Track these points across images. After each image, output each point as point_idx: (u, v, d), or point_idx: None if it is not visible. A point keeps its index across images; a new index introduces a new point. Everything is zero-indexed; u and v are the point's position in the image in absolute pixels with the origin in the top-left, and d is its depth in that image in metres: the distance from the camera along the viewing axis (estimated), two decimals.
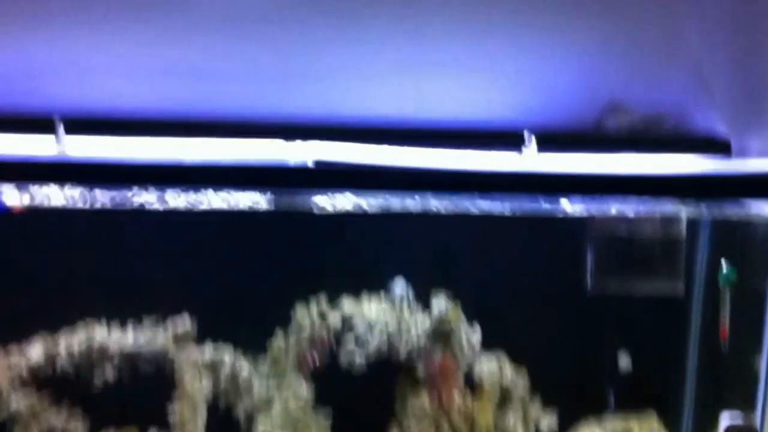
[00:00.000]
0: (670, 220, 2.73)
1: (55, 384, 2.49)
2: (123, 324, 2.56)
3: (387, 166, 2.22)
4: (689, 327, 2.86)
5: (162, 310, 2.55)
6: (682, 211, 2.68)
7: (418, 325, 2.63)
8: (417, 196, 2.42)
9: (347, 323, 2.61)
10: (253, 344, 2.58)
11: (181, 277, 2.60)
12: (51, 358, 2.48)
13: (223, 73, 2.30)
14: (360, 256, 2.69)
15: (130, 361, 2.50)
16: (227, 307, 2.59)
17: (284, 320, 2.60)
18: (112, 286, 2.57)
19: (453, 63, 2.31)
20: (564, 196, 2.40)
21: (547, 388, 2.74)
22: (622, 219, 2.70)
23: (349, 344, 2.58)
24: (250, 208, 2.49)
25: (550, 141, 2.34)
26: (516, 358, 2.72)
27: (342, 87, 2.39)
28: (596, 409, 2.77)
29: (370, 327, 2.60)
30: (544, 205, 2.54)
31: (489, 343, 2.71)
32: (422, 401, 2.60)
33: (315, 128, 2.30)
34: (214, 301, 2.60)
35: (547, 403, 2.75)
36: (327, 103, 2.40)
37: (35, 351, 2.49)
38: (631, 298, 2.69)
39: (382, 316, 2.62)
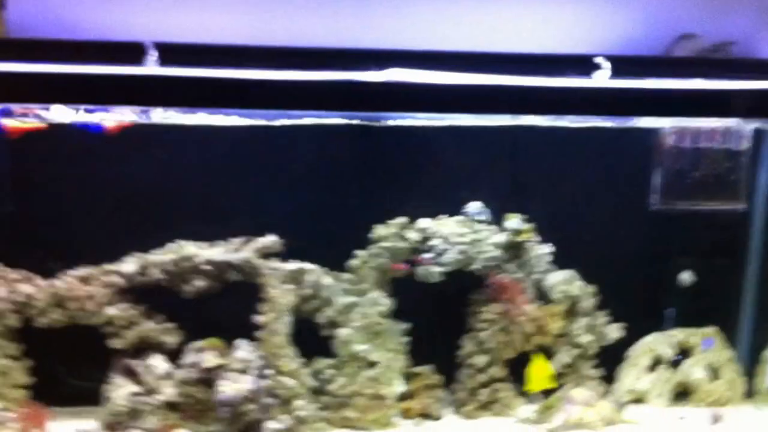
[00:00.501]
0: (734, 136, 2.75)
1: (147, 295, 2.60)
2: (212, 243, 2.67)
3: (464, 85, 2.26)
4: (752, 241, 2.93)
5: (249, 228, 2.64)
6: (747, 127, 2.71)
7: (492, 241, 2.74)
8: (492, 116, 2.51)
9: (425, 239, 2.72)
10: (335, 261, 2.68)
11: (267, 197, 2.68)
12: (144, 271, 2.59)
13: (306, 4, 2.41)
14: (437, 176, 2.74)
15: (219, 272, 2.60)
16: (310, 226, 2.67)
17: (365, 238, 2.69)
18: (201, 205, 2.65)
19: None
20: (632, 114, 2.50)
21: (613, 301, 2.83)
22: (687, 135, 2.73)
23: (427, 257, 2.70)
24: (334, 128, 2.60)
25: (621, 67, 2.37)
26: (584, 273, 2.80)
27: (420, 18, 2.49)
28: (660, 322, 2.89)
29: (447, 242, 2.70)
30: (613, 125, 2.62)
31: (559, 259, 2.80)
32: (494, 312, 2.73)
33: (393, 55, 2.33)
34: (298, 221, 2.67)
35: (613, 315, 2.86)
36: (404, 33, 2.49)
37: (129, 265, 2.60)
38: (696, 213, 2.76)
39: (458, 233, 2.72)
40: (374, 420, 2.61)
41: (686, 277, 2.89)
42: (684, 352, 2.91)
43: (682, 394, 2.91)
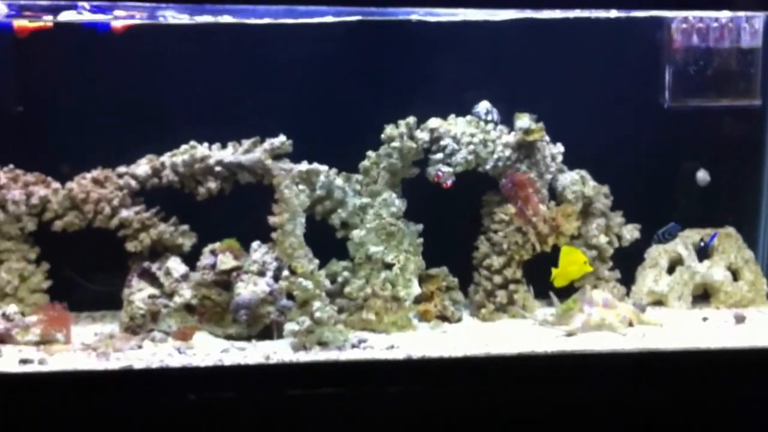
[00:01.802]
0: (747, 31, 2.71)
1: (161, 197, 2.60)
2: (223, 144, 2.66)
3: None
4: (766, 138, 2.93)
5: (259, 130, 2.63)
6: (760, 20, 2.68)
7: (502, 141, 2.70)
8: (501, 11, 2.49)
9: (435, 139, 2.69)
10: (346, 161, 2.66)
11: (277, 98, 2.66)
12: (157, 173, 2.60)
13: None
14: (446, 76, 2.71)
15: (231, 173, 2.60)
16: (321, 128, 2.66)
17: (375, 139, 2.67)
18: (212, 106, 2.64)
19: None
20: (643, 7, 2.46)
21: (627, 201, 2.81)
22: (700, 30, 2.69)
23: (437, 157, 2.67)
24: (342, 26, 2.55)
25: None
26: (597, 173, 2.78)
27: None
28: (674, 222, 2.82)
29: (457, 142, 2.68)
30: (623, 18, 2.57)
31: (571, 159, 2.77)
32: (508, 212, 2.69)
33: None
34: (308, 122, 2.66)
35: (628, 215, 2.84)
36: None
37: (142, 168, 2.61)
38: (708, 110, 2.74)
39: (468, 133, 2.69)
40: (392, 322, 2.57)
41: (702, 175, 2.85)
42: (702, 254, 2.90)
43: (703, 296, 2.87)
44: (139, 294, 2.51)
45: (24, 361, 2.28)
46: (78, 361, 2.31)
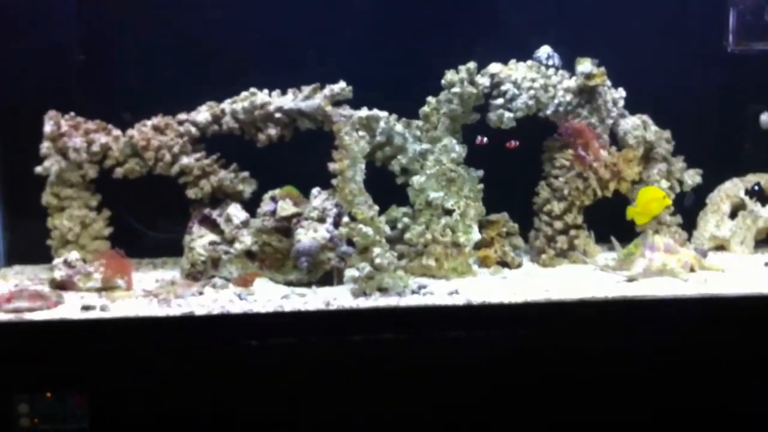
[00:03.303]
0: None
1: (221, 144, 2.41)
2: (283, 91, 2.44)
3: None
4: None
5: (319, 76, 2.41)
6: None
7: (563, 85, 2.44)
8: None
9: (495, 84, 2.45)
10: (406, 107, 2.43)
11: (337, 43, 2.46)
12: (217, 120, 2.39)
13: None
14: (507, 20, 2.50)
15: (290, 120, 2.39)
16: (381, 73, 2.45)
17: (435, 85, 2.43)
18: (270, 51, 2.45)
19: None
20: None
21: (689, 146, 2.55)
22: None
23: (498, 103, 2.43)
24: None
25: None
26: (659, 118, 2.53)
27: None
28: (737, 167, 2.60)
29: (518, 87, 2.43)
30: None
31: (632, 103, 2.51)
32: (569, 158, 2.45)
33: None
34: (368, 69, 2.45)
35: (691, 161, 2.59)
36: None
37: (202, 115, 2.39)
38: None
39: (528, 78, 2.43)
40: (452, 268, 2.35)
41: (766, 119, 2.60)
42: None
43: (766, 240, 2.61)
44: (199, 240, 2.33)
45: (86, 308, 2.09)
46: (140, 308, 2.12)
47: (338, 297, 2.20)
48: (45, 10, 2.42)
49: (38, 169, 2.32)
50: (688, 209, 2.57)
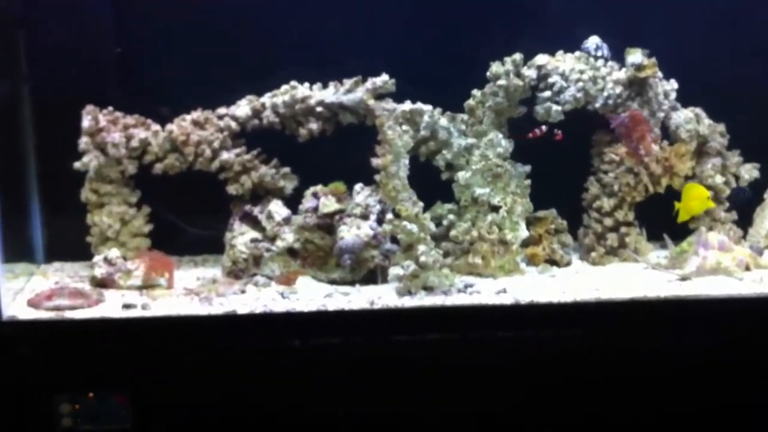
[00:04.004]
0: None
1: (262, 139, 2.41)
2: (324, 84, 2.43)
3: None
4: None
5: (361, 70, 2.41)
6: None
7: (613, 77, 2.42)
8: None
9: (542, 76, 2.43)
10: (451, 100, 2.43)
11: (379, 35, 2.44)
12: (257, 114, 2.39)
13: None
14: (554, 11, 2.47)
15: (332, 114, 2.38)
16: (424, 66, 2.43)
17: (480, 77, 2.42)
18: (311, 44, 2.44)
19: None
20: None
21: (746, 140, 2.52)
22: None
23: (545, 95, 2.42)
24: None
25: None
26: (713, 111, 2.50)
27: None
28: None
29: (566, 79, 2.41)
30: None
31: (685, 97, 2.49)
32: (619, 152, 2.42)
33: None
34: (411, 62, 2.44)
35: (748, 155, 2.55)
36: None
37: (242, 109, 2.40)
38: None
39: (577, 69, 2.41)
40: (499, 266, 2.34)
41: None
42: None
43: None
44: (241, 238, 2.33)
45: (127, 306, 2.11)
46: (181, 306, 2.13)
47: (382, 296, 2.20)
48: (80, 1, 2.45)
49: (77, 164, 2.33)
50: (744, 205, 2.54)
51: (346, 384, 2.12)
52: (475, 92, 2.41)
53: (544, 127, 2.38)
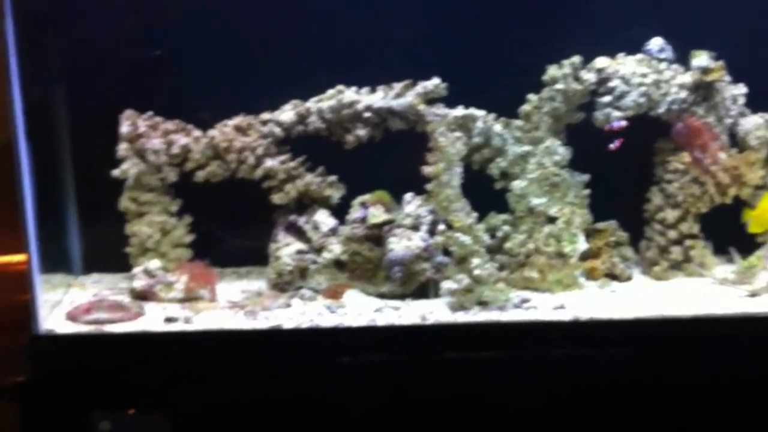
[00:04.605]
0: None
1: (307, 145, 2.42)
2: (372, 88, 2.44)
3: None
4: None
5: (411, 74, 2.40)
6: None
7: (677, 81, 2.41)
8: None
9: (602, 80, 2.41)
10: (505, 107, 2.42)
11: (429, 36, 2.44)
12: (302, 119, 2.40)
13: None
14: (615, 11, 2.43)
15: (381, 119, 2.38)
16: (477, 69, 2.42)
17: (536, 81, 2.41)
18: (361, 50, 2.43)
19: None
20: None
21: None
22: None
23: (605, 100, 2.40)
24: None
25: None
26: None
27: None
28: None
29: (627, 83, 2.40)
30: None
31: (755, 102, 2.46)
32: (684, 160, 2.41)
33: None
34: (464, 65, 2.43)
35: None
36: None
37: (286, 114, 2.41)
38: None
39: (639, 73, 2.40)
40: (557, 281, 2.33)
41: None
42: None
43: None
44: (285, 249, 2.35)
45: (169, 320, 2.15)
46: (225, 320, 2.16)
47: (434, 311, 2.21)
48: (118, 2, 2.48)
49: (115, 172, 2.36)
50: None
51: (395, 402, 2.12)
52: (531, 97, 2.40)
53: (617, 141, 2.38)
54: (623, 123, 2.36)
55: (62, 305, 2.28)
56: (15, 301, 2.23)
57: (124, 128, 2.39)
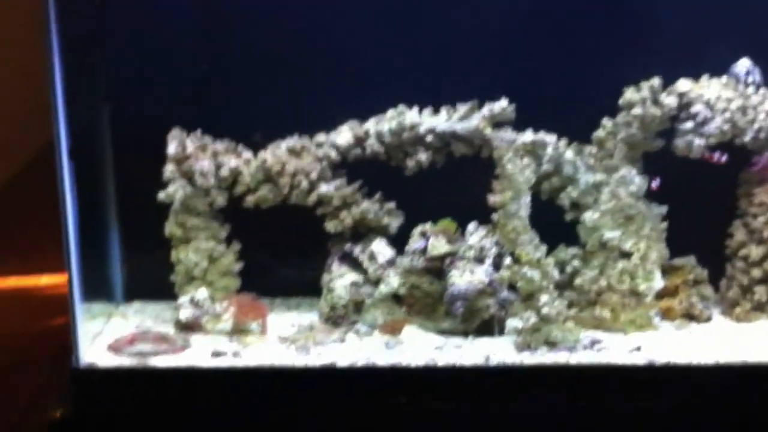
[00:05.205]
0: None
1: (365, 171, 2.40)
2: (435, 109, 2.42)
3: None
4: None
5: (477, 94, 2.37)
6: None
7: (766, 107, 2.33)
8: None
9: (684, 105, 2.37)
10: (578, 132, 2.38)
11: (497, 59, 2.40)
12: (360, 142, 2.39)
13: None
14: (695, 34, 2.37)
15: (444, 143, 2.36)
16: (548, 93, 2.38)
17: (611, 104, 2.36)
18: (421, 68, 2.40)
19: None
20: None
21: None
22: None
23: (686, 127, 2.34)
24: None
25: None
26: None
27: None
28: None
29: (711, 108, 2.35)
30: None
31: None
32: None
33: None
34: (533, 86, 2.39)
35: None
36: None
37: (343, 136, 2.39)
38: None
39: (724, 97, 2.34)
40: (630, 321, 2.29)
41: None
42: None
43: None
44: (340, 281, 2.34)
45: (217, 354, 2.14)
46: (276, 355, 2.15)
47: (499, 351, 2.19)
48: (163, 15, 2.44)
49: (161, 195, 2.35)
50: None
51: None
52: (606, 122, 2.37)
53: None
54: (724, 158, 2.32)
55: (103, 336, 2.27)
56: (54, 332, 2.24)
57: (171, 148, 2.38)
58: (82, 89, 2.28)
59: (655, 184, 2.36)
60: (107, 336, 2.26)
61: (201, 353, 2.18)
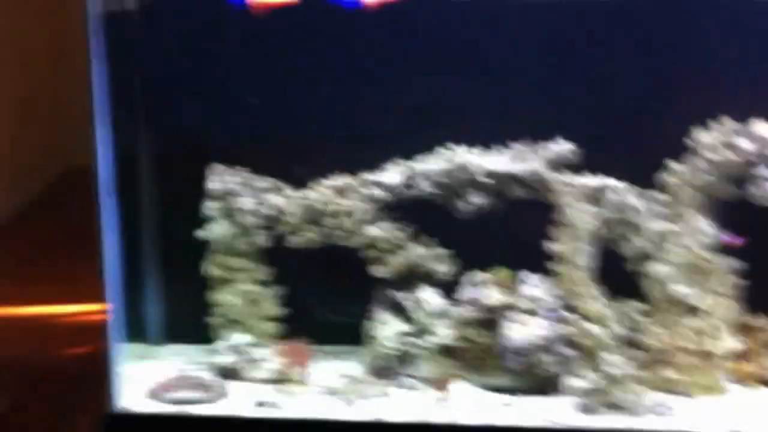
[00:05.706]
0: None
1: (414, 214, 2.36)
2: (488, 147, 2.38)
3: None
4: None
5: (535, 133, 2.34)
6: None
7: None
8: None
9: (762, 149, 2.30)
10: (644, 176, 2.31)
11: (556, 96, 2.37)
12: (411, 182, 2.35)
13: None
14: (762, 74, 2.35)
15: (499, 186, 2.32)
16: (612, 132, 2.33)
17: (679, 147, 2.29)
18: (472, 104, 2.36)
19: None
20: None
21: None
22: None
23: (764, 174, 2.27)
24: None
25: None
26: None
27: None
28: None
29: None
30: None
31: None
32: None
33: None
34: (597, 126, 2.33)
35: None
36: None
37: (391, 175, 2.36)
38: None
39: None
40: (698, 383, 2.23)
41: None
42: None
43: None
44: (385, 329, 2.31)
45: (261, 404, 2.14)
46: (319, 408, 2.14)
47: (557, 411, 2.14)
48: (205, 43, 2.44)
49: (200, 233, 2.37)
50: None
51: None
52: (675, 166, 2.31)
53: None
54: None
55: (137, 379, 2.26)
56: (89, 374, 2.24)
57: (212, 184, 2.39)
58: (126, 124, 2.30)
59: (733, 239, 2.31)
60: (141, 380, 2.24)
61: (240, 402, 2.16)
